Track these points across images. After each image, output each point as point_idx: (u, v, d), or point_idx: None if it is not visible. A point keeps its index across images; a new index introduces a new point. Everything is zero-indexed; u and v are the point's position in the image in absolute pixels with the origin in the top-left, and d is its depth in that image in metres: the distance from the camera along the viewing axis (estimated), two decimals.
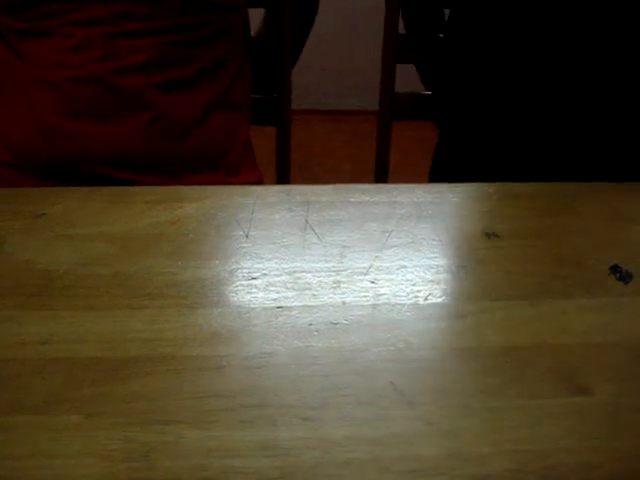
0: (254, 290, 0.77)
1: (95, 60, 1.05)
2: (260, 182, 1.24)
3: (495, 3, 1.10)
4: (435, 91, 1.35)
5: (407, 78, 1.41)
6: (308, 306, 0.75)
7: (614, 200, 0.93)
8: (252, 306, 0.75)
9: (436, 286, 0.78)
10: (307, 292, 0.77)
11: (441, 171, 1.32)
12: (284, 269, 0.80)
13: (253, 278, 0.79)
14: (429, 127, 1.37)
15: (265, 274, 0.79)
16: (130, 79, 1.07)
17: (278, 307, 0.75)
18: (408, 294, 0.77)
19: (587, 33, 1.05)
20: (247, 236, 0.85)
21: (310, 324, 0.73)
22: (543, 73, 1.10)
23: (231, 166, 1.19)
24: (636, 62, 1.07)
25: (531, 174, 0.97)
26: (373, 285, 0.78)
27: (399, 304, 0.76)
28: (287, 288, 0.77)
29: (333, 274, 0.79)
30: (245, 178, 1.19)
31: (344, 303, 0.75)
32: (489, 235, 0.86)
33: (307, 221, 0.87)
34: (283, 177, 1.43)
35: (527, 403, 0.65)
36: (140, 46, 1.07)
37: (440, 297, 0.77)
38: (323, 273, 0.80)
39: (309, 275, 0.79)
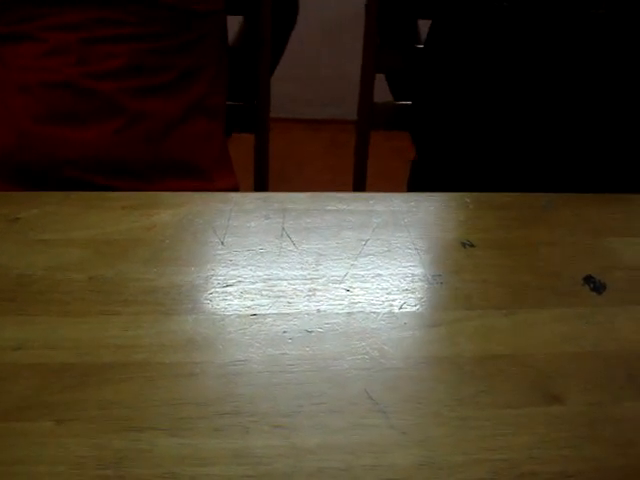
0: (229, 297, 0.77)
1: (70, 65, 1.05)
2: (236, 189, 1.23)
3: (476, 17, 1.10)
4: (408, 101, 1.36)
5: (386, 88, 1.42)
6: (283, 314, 0.75)
7: (588, 211, 0.93)
8: (227, 313, 0.75)
9: (411, 295, 0.78)
10: (282, 300, 0.77)
11: (419, 182, 1.32)
12: (259, 276, 0.80)
13: (228, 285, 0.78)
14: (407, 137, 1.37)
15: (240, 281, 0.79)
16: (105, 84, 1.07)
17: (253, 315, 0.75)
18: (383, 302, 0.77)
19: (566, 48, 1.06)
20: (223, 243, 0.84)
21: (284, 332, 0.73)
22: (522, 84, 1.10)
23: (206, 172, 1.19)
24: (613, 76, 1.08)
25: (507, 185, 0.98)
26: (348, 293, 0.78)
27: (374, 312, 0.76)
28: (262, 295, 0.77)
29: (308, 282, 0.79)
30: (220, 184, 1.19)
31: (319, 311, 0.75)
32: (465, 245, 0.86)
33: (283, 228, 0.87)
34: (261, 185, 1.43)
35: (500, 412, 0.65)
36: (116, 52, 1.07)
37: (415, 306, 0.77)
38: (298, 281, 0.79)
39: (284, 283, 0.79)
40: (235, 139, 1.35)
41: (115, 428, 0.62)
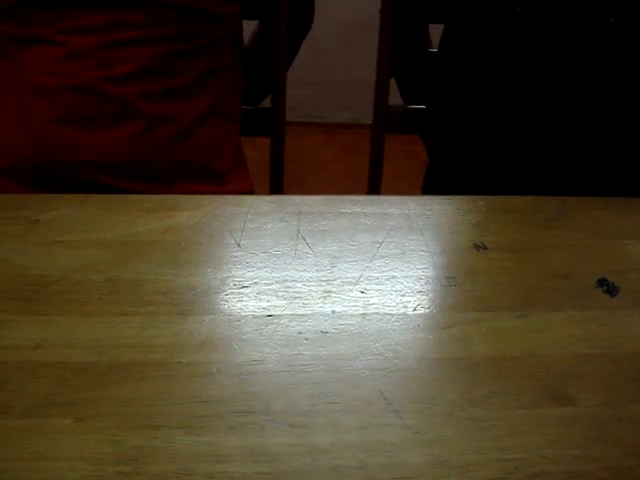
0: (245, 298, 0.78)
1: (89, 69, 1.06)
2: (251, 192, 1.24)
3: (489, 22, 1.11)
4: (418, 104, 1.36)
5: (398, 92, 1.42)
6: (298, 315, 0.76)
7: (601, 214, 0.94)
8: (243, 314, 0.76)
9: (425, 297, 0.79)
10: (297, 301, 0.78)
11: (433, 185, 1.32)
12: (275, 278, 0.81)
13: (244, 286, 0.79)
14: (421, 141, 1.38)
15: (256, 283, 0.80)
16: (123, 88, 1.08)
17: (268, 315, 0.75)
18: (397, 304, 0.78)
19: (578, 54, 1.06)
20: (239, 245, 0.85)
21: (300, 332, 0.74)
22: (534, 90, 1.11)
23: (221, 175, 1.20)
24: (624, 83, 1.08)
25: (521, 188, 0.98)
26: (363, 295, 0.79)
27: (388, 314, 0.76)
28: (278, 297, 0.78)
29: (323, 283, 0.80)
30: (236, 187, 1.20)
31: (334, 312, 0.76)
32: (478, 247, 0.87)
33: (299, 231, 0.88)
34: (276, 188, 1.43)
35: (512, 413, 0.66)
36: (134, 55, 1.08)
37: (429, 308, 0.78)
38: (313, 282, 0.80)
39: (299, 284, 0.80)
40: (251, 142, 1.36)
41: (133, 425, 0.63)
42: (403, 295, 0.79)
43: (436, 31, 1.29)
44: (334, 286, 0.80)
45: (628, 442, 0.64)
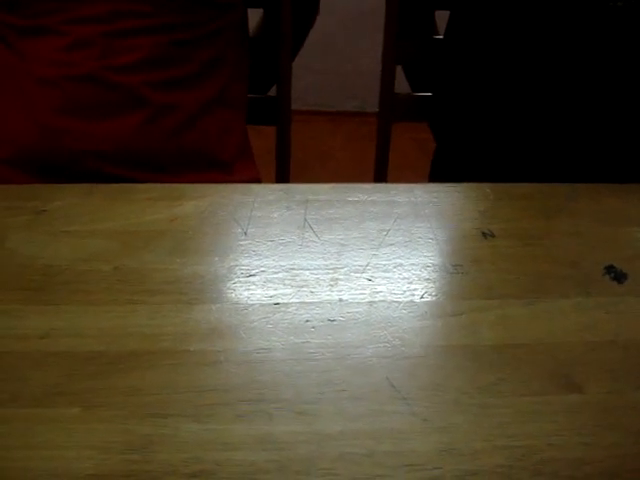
0: (252, 287, 0.78)
1: (93, 58, 1.06)
2: (258, 180, 1.24)
3: (494, 8, 1.10)
4: (426, 92, 1.36)
5: (405, 80, 1.42)
6: (305, 303, 0.76)
7: (609, 201, 0.93)
8: (250, 302, 0.76)
9: (432, 284, 0.79)
10: (304, 289, 0.78)
11: (440, 172, 1.32)
12: (282, 266, 0.81)
13: (251, 275, 0.79)
14: (429, 129, 1.37)
15: (263, 271, 0.80)
16: (127, 77, 1.07)
17: (275, 304, 0.76)
18: (404, 292, 0.78)
19: (584, 39, 1.06)
20: (246, 234, 0.85)
21: (307, 321, 0.74)
22: (541, 76, 1.10)
23: (227, 164, 1.19)
24: (631, 68, 1.08)
25: (528, 175, 0.98)
26: (370, 283, 0.79)
27: (395, 302, 0.76)
28: (285, 285, 0.78)
29: (330, 272, 0.80)
30: (242, 176, 1.20)
31: (341, 300, 0.76)
32: (485, 234, 0.86)
33: (305, 219, 0.88)
34: (283, 177, 1.43)
35: (520, 400, 0.66)
36: (138, 45, 1.07)
37: (436, 295, 0.78)
38: (321, 270, 0.80)
39: (307, 272, 0.80)
40: (257, 131, 1.36)
41: (141, 414, 0.63)
42: (410, 283, 0.79)
43: (442, 17, 1.28)
44: (341, 274, 0.80)
45: (636, 429, 0.64)
